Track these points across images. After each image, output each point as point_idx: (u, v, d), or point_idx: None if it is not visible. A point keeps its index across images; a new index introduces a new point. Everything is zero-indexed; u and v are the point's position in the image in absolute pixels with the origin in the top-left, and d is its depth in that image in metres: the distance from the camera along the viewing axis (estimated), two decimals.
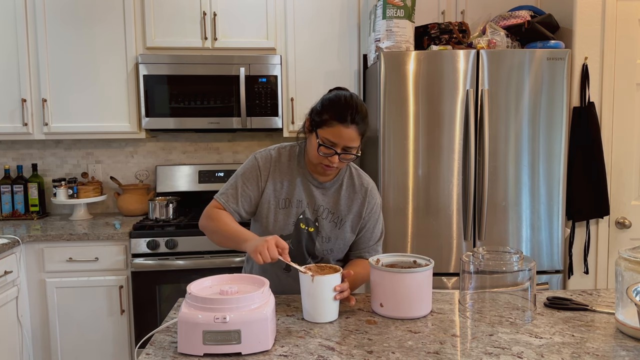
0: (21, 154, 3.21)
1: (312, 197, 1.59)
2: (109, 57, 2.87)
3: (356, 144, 1.49)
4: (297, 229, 1.58)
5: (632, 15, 2.61)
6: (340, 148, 1.47)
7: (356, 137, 1.48)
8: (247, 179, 1.59)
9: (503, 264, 1.40)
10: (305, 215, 1.58)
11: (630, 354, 1.15)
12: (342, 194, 1.61)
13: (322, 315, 1.36)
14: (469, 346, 1.20)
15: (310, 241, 1.59)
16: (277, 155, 1.61)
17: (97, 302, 2.65)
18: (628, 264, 1.25)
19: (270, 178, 1.58)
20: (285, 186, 1.58)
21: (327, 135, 1.47)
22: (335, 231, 1.60)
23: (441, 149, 2.51)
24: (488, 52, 2.49)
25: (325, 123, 1.48)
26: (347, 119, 1.45)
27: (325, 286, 1.34)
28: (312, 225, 1.58)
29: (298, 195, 1.58)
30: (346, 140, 1.46)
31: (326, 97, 1.55)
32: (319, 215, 1.59)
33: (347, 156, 1.50)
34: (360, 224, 1.62)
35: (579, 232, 2.67)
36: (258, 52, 2.93)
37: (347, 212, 1.60)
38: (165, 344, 1.23)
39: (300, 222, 1.58)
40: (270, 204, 1.58)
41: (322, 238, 1.59)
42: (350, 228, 1.61)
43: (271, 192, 1.58)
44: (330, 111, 1.48)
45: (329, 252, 1.61)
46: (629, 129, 2.65)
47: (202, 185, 3.20)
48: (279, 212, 1.58)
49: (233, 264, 2.65)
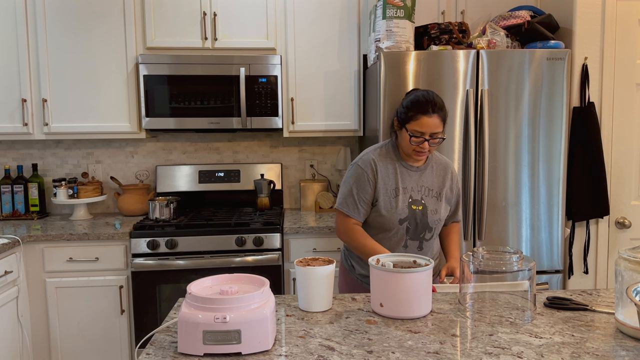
0: (21, 154, 3.22)
1: (413, 181, 1.89)
2: (109, 57, 2.87)
3: (440, 129, 1.80)
4: (411, 211, 1.87)
5: (632, 15, 2.61)
6: (428, 135, 1.79)
7: (439, 124, 1.79)
8: (360, 186, 1.87)
9: (503, 264, 1.40)
10: (414, 197, 1.87)
11: (630, 354, 1.15)
12: (434, 173, 1.93)
13: (315, 305, 1.44)
14: (469, 346, 1.20)
15: (423, 217, 1.88)
16: (377, 156, 1.90)
17: (97, 302, 2.65)
18: (628, 264, 1.25)
19: (379, 177, 1.86)
20: (391, 178, 1.88)
21: (416, 127, 1.79)
22: (439, 204, 1.91)
23: (441, 149, 2.51)
24: (488, 52, 2.49)
25: (412, 118, 1.80)
26: (429, 111, 1.77)
27: (317, 276, 1.43)
28: (420, 204, 1.88)
29: (402, 183, 1.87)
30: (432, 127, 1.78)
31: (407, 99, 1.85)
32: (423, 194, 1.89)
33: (434, 141, 1.80)
34: (453, 193, 1.96)
35: (579, 232, 2.67)
36: (258, 52, 2.93)
37: (442, 186, 1.92)
38: (166, 343, 1.23)
39: (412, 205, 1.87)
40: (385, 197, 1.86)
41: (431, 212, 1.88)
42: (446, 199, 1.93)
43: (382, 187, 1.86)
44: (414, 108, 1.80)
45: (439, 221, 1.91)
46: (629, 129, 2.66)
47: (202, 185, 3.20)
48: (392, 201, 1.86)
49: (233, 264, 2.66)
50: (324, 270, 1.43)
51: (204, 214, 3.02)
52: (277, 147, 3.36)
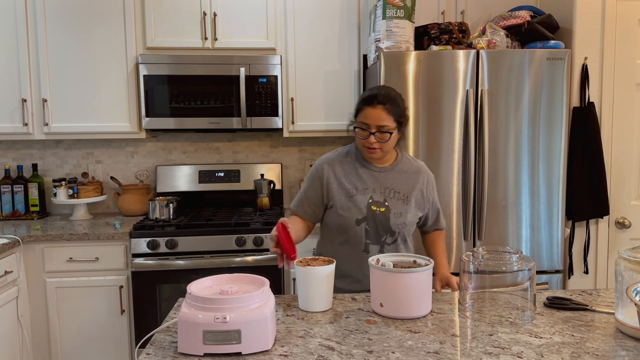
0: (21, 154, 3.22)
1: (377, 181, 1.79)
2: (109, 57, 2.87)
3: (387, 122, 1.69)
4: (370, 212, 1.77)
5: (632, 15, 2.61)
6: (373, 127, 1.69)
7: (385, 117, 1.68)
8: (309, 184, 1.84)
9: (503, 264, 1.40)
10: (375, 199, 1.78)
11: (630, 354, 1.15)
12: (402, 175, 1.83)
13: (315, 305, 1.44)
14: (469, 346, 1.20)
15: (385, 219, 1.77)
16: (336, 156, 1.84)
17: (97, 302, 2.65)
18: (628, 264, 1.25)
19: (331, 176, 1.80)
20: (350, 178, 1.79)
21: (361, 119, 1.72)
22: (405, 207, 1.79)
23: (441, 149, 2.51)
24: (488, 52, 2.49)
25: (358, 111, 1.74)
26: (373, 102, 1.69)
27: (317, 276, 1.43)
28: (383, 206, 1.78)
29: (363, 183, 1.79)
30: (376, 119, 1.68)
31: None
32: (387, 196, 1.79)
33: (381, 135, 1.69)
34: (425, 199, 1.85)
35: (579, 232, 2.67)
36: (258, 52, 2.93)
37: (411, 190, 1.82)
38: (166, 343, 1.23)
39: (372, 205, 1.77)
40: (341, 196, 1.78)
41: (395, 214, 1.78)
42: (416, 204, 1.82)
43: (337, 186, 1.79)
44: (361, 101, 1.74)
45: (403, 225, 1.79)
46: (629, 129, 2.66)
47: (202, 185, 3.20)
48: (349, 201, 1.77)
49: (233, 264, 2.65)
50: (324, 270, 1.43)
51: (204, 214, 3.02)
52: (277, 147, 3.36)
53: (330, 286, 1.47)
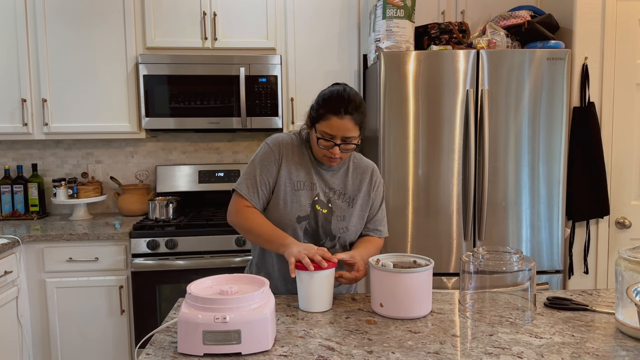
0: (21, 154, 3.21)
1: (323, 180, 1.66)
2: (109, 57, 2.87)
3: (354, 133, 1.55)
4: (314, 211, 1.64)
5: (632, 15, 2.61)
6: (339, 139, 1.55)
7: (352, 127, 1.54)
8: (264, 166, 1.63)
9: (503, 264, 1.40)
10: (320, 198, 1.65)
11: (630, 354, 1.15)
12: (349, 175, 1.69)
13: (315, 305, 1.44)
14: (469, 346, 1.20)
15: (326, 221, 1.65)
16: (290, 139, 1.67)
17: (97, 302, 2.65)
18: (628, 264, 1.25)
19: (284, 161, 1.64)
20: (300, 169, 1.65)
21: (325, 128, 1.55)
22: (349, 210, 1.67)
23: (441, 149, 2.51)
24: (488, 52, 2.49)
25: (321, 117, 1.55)
26: (341, 111, 1.52)
27: (318, 277, 1.42)
28: (326, 207, 1.65)
29: (312, 179, 1.65)
30: (343, 130, 1.53)
31: (321, 93, 1.62)
32: (331, 197, 1.66)
33: (347, 146, 1.57)
34: (370, 199, 1.70)
35: (579, 232, 2.67)
36: (258, 52, 2.93)
37: (358, 192, 1.68)
38: (165, 344, 1.23)
39: (316, 204, 1.64)
40: (287, 187, 1.63)
41: (337, 217, 1.65)
42: (361, 207, 1.69)
43: (286, 175, 1.63)
44: (325, 106, 1.55)
45: (345, 230, 1.66)
46: (629, 129, 2.65)
47: (202, 185, 3.20)
48: (295, 194, 1.63)
49: (233, 264, 2.65)
50: (324, 271, 1.43)
51: (204, 214, 3.02)
52: None
53: (331, 287, 1.47)
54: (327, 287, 1.45)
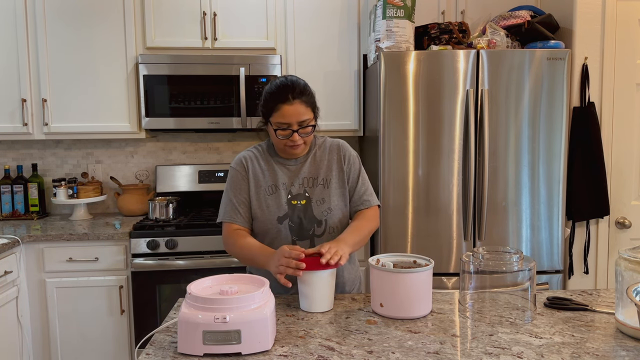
0: (21, 154, 3.21)
1: (293, 174, 1.71)
2: (109, 57, 2.87)
3: (307, 116, 1.61)
4: (291, 207, 1.68)
5: (632, 15, 2.61)
6: (295, 125, 1.60)
7: (304, 110, 1.61)
8: (235, 188, 1.70)
9: (503, 264, 1.40)
10: (294, 193, 1.69)
11: (630, 354, 1.15)
12: (316, 160, 1.73)
13: (316, 306, 1.44)
14: (469, 346, 1.20)
15: (307, 211, 1.68)
16: (251, 153, 1.74)
17: (97, 302, 2.65)
18: (628, 264, 1.25)
19: (251, 173, 1.70)
20: (267, 175, 1.70)
21: (278, 118, 1.60)
22: (326, 191, 1.70)
23: (441, 149, 2.51)
24: (488, 52, 2.49)
25: (272, 109, 1.61)
26: (289, 97, 1.58)
27: (318, 278, 1.42)
28: (303, 198, 1.69)
29: (281, 179, 1.70)
30: (296, 115, 1.59)
31: (265, 88, 1.69)
32: (306, 187, 1.70)
33: (305, 130, 1.62)
34: (346, 174, 1.73)
35: (579, 232, 2.67)
36: (258, 52, 2.93)
37: (329, 171, 1.72)
38: (165, 344, 1.23)
39: (292, 200, 1.68)
40: (260, 194, 1.69)
41: (317, 202, 1.69)
42: (338, 184, 1.72)
43: (254, 186, 1.70)
44: (272, 98, 1.62)
45: (328, 211, 1.69)
46: (629, 129, 2.65)
47: (202, 185, 3.20)
48: (268, 199, 1.68)
49: (233, 264, 2.65)
50: (324, 271, 1.42)
51: (204, 214, 3.02)
52: None
53: (332, 287, 1.47)
54: (328, 287, 1.45)
